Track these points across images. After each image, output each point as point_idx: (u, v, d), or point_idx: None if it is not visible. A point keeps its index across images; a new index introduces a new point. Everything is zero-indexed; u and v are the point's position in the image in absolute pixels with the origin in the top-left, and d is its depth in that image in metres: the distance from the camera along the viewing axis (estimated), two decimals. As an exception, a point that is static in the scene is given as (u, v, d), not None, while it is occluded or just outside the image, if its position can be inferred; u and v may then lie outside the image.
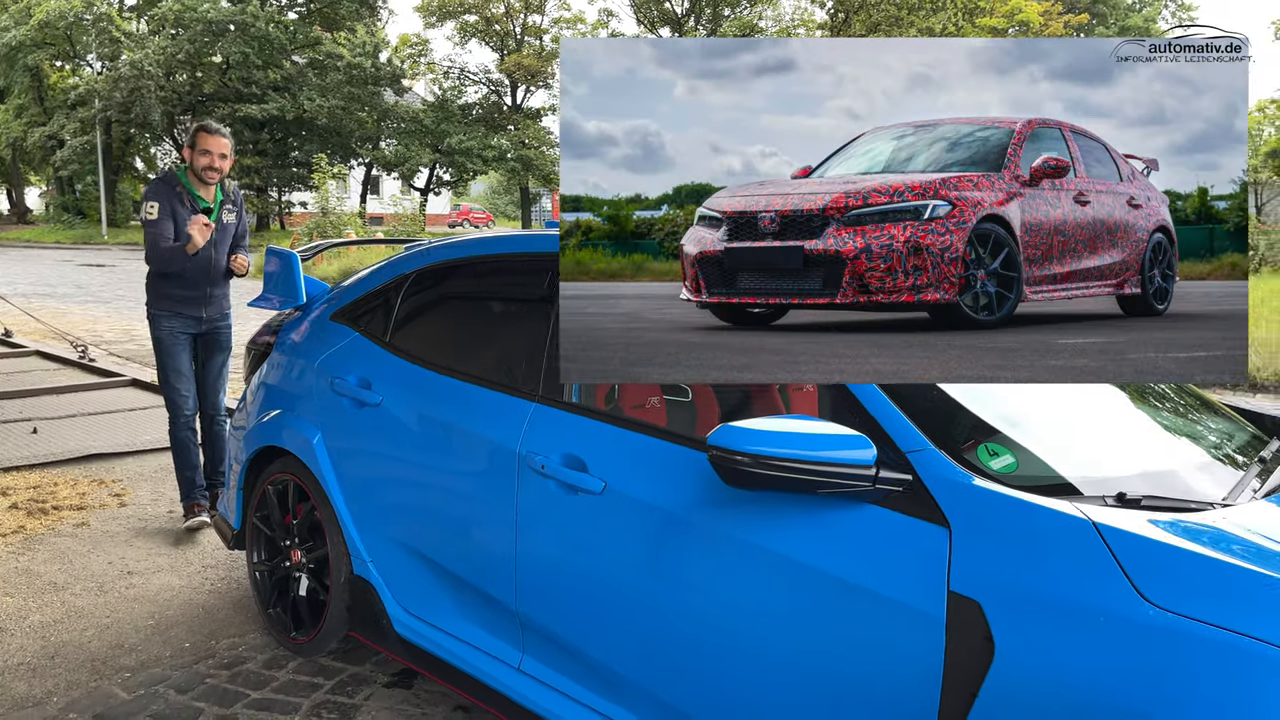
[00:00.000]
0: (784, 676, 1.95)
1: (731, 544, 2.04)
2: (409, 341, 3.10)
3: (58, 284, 18.79)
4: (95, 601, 3.72)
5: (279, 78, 36.45)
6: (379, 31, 39.51)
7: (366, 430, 3.05)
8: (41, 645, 3.36)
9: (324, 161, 25.45)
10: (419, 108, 39.68)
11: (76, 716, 2.89)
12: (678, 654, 2.15)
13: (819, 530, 1.91)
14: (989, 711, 1.63)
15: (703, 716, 2.12)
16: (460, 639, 2.75)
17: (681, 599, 2.13)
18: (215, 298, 4.53)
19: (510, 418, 2.60)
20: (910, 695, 1.75)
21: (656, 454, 2.25)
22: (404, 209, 27.05)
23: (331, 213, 23.18)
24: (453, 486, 2.77)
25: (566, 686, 2.45)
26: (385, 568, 3.00)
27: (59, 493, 5.01)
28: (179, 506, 4.71)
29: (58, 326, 10.87)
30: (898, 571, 1.80)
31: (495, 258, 3.03)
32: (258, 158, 36.94)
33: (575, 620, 2.40)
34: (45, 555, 4.17)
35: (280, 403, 3.42)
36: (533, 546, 2.49)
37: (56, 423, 6.46)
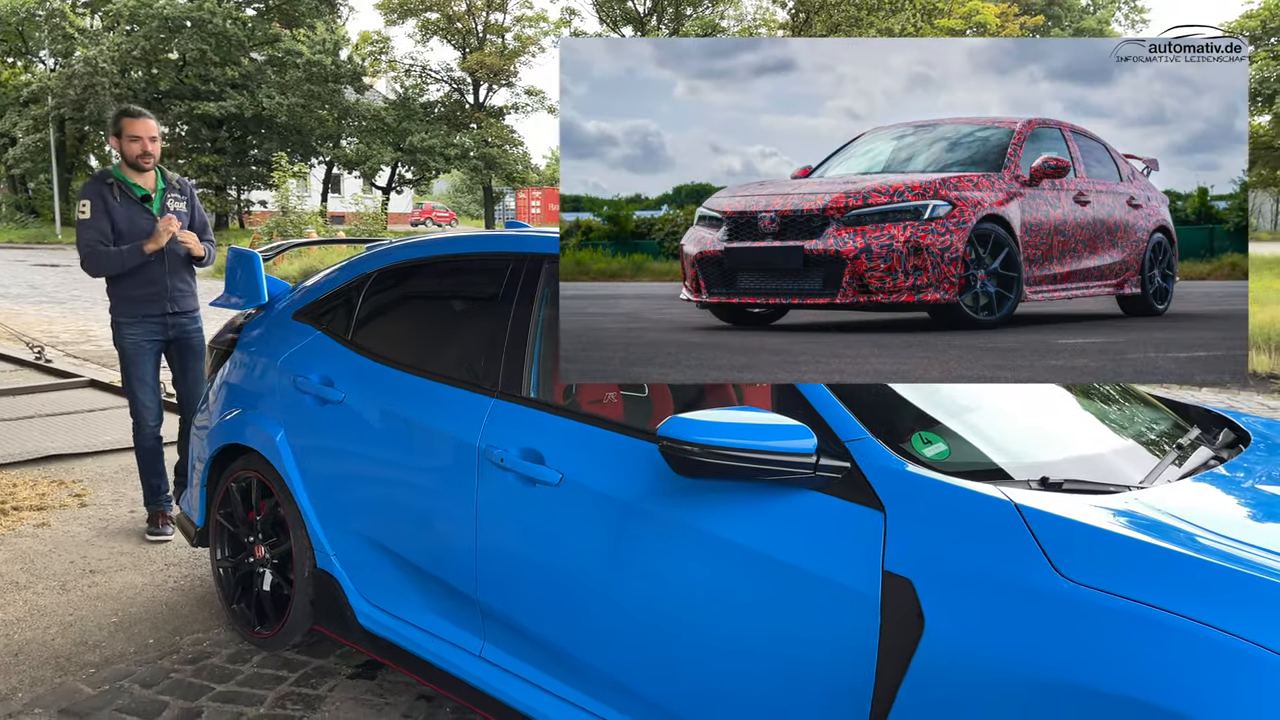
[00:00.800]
0: (732, 655, 2.05)
1: (682, 531, 2.13)
2: (371, 340, 3.17)
3: (10, 284, 18.48)
4: (58, 600, 3.74)
5: (237, 75, 36.03)
6: (339, 29, 39.18)
7: (329, 427, 3.11)
8: (4, 643, 3.38)
9: (284, 160, 25.20)
10: (380, 106, 39.44)
11: (42, 712, 2.93)
12: (632, 637, 2.25)
13: (763, 516, 2.02)
14: (919, 681, 1.74)
15: (657, 696, 2.21)
16: (423, 629, 2.82)
17: (635, 584, 2.23)
18: (179, 292, 4.31)
19: (470, 413, 2.68)
20: (849, 669, 1.86)
21: (611, 446, 2.34)
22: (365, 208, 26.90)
23: (292, 211, 23.02)
24: (415, 481, 2.84)
25: (526, 672, 2.54)
26: (348, 561, 3.06)
27: (18, 494, 5.00)
28: (141, 507, 4.72)
29: (12, 327, 10.73)
30: (836, 553, 1.91)
31: (455, 257, 3.11)
32: (216, 156, 36.51)
33: (534, 607, 2.49)
34: (6, 555, 4.17)
35: (243, 401, 3.47)
36: (493, 537, 2.57)
37: (14, 424, 6.41)
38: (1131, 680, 1.55)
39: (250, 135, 38.00)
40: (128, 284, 4.23)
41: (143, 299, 4.25)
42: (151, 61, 36.21)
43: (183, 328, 4.38)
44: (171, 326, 4.34)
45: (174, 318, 4.33)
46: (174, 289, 4.28)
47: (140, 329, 4.28)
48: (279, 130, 37.02)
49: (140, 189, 4.21)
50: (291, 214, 22.78)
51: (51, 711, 2.93)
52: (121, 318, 4.28)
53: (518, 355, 2.66)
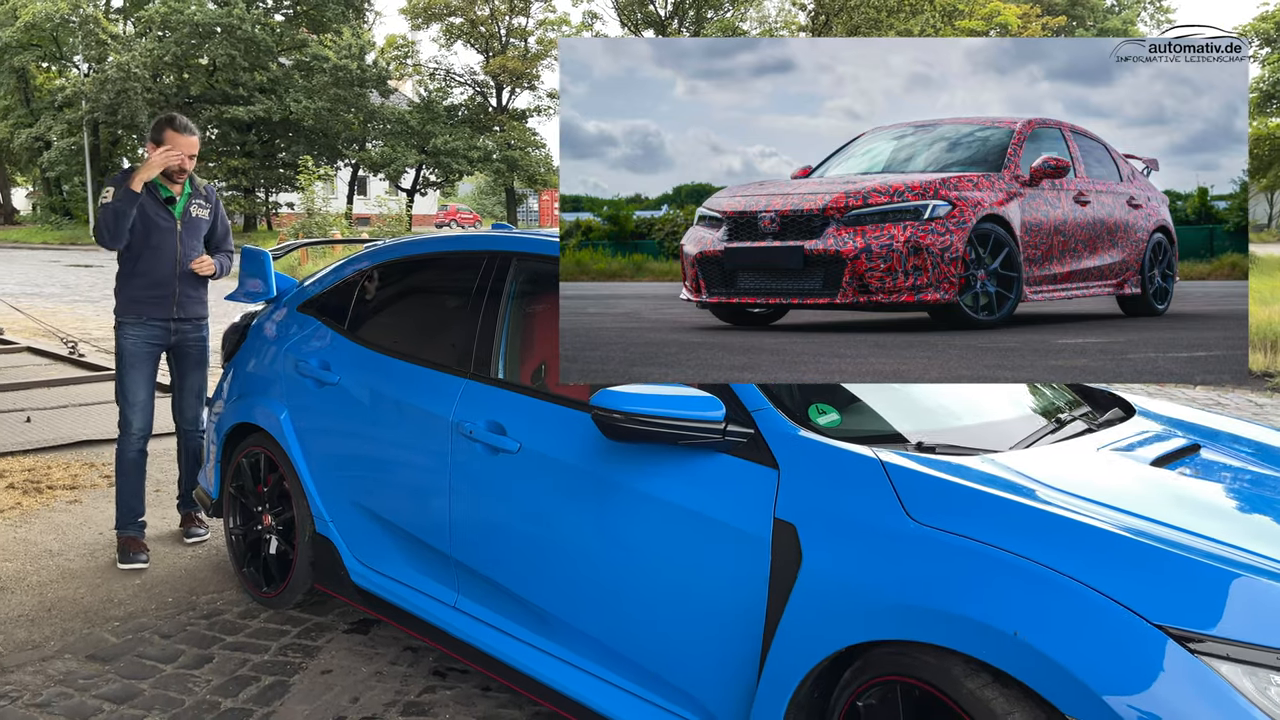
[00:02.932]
0: (657, 591, 2.39)
1: (614, 488, 2.47)
2: (363, 328, 3.53)
3: (45, 284, 19.11)
4: (87, 565, 4.14)
5: (265, 80, 36.76)
6: (365, 34, 39.83)
7: (327, 407, 3.48)
8: (38, 600, 3.78)
9: (310, 163, 25.79)
10: (405, 109, 40.03)
11: (71, 656, 3.31)
12: (578, 583, 2.59)
13: (680, 474, 2.35)
14: (798, 607, 2.07)
15: (597, 632, 2.55)
16: (407, 584, 3.18)
17: (579, 537, 2.57)
18: (186, 298, 4.20)
19: (445, 392, 3.03)
20: (747, 597, 2.19)
21: (559, 417, 2.68)
22: (389, 210, 27.46)
23: (318, 214, 23.54)
24: (399, 453, 3.20)
25: (493, 619, 2.89)
26: (343, 526, 3.43)
27: (52, 474, 5.42)
28: (164, 486, 5.11)
29: (48, 324, 11.23)
30: (738, 505, 2.24)
31: (435, 255, 3.47)
32: (245, 159, 37.25)
33: (498, 561, 2.83)
34: (41, 527, 4.59)
35: (253, 384, 3.85)
36: (463, 500, 2.92)
37: (49, 413, 6.86)
38: (966, 603, 1.86)
39: (278, 139, 38.73)
40: (135, 284, 4.15)
41: (147, 300, 4.15)
42: (183, 67, 37.03)
43: (185, 334, 4.26)
44: (174, 332, 4.23)
45: (178, 323, 4.22)
46: (182, 294, 4.19)
47: (141, 330, 4.16)
48: (306, 134, 37.72)
49: (167, 191, 4.17)
50: (317, 216, 23.31)
51: (80, 656, 3.32)
52: (124, 318, 4.18)
53: (487, 341, 3.02)
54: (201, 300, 4.33)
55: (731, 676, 2.23)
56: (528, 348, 3.13)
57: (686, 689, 2.34)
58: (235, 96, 36.43)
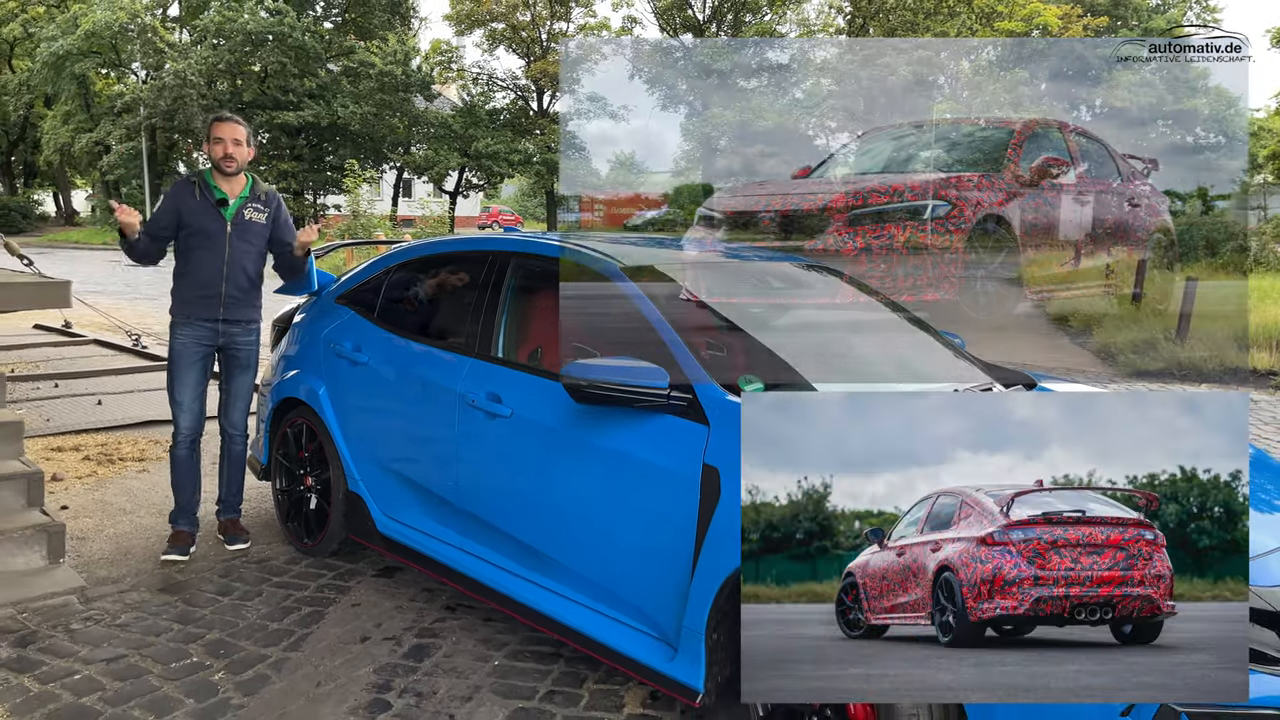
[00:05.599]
0: (616, 524, 2.95)
1: (583, 444, 3.05)
2: (388, 316, 4.14)
3: (107, 282, 20.14)
4: (157, 521, 4.79)
5: (314, 86, 37.87)
6: (410, 40, 40.83)
7: (358, 383, 4.10)
8: (116, 547, 4.44)
9: (356, 166, 26.70)
10: (448, 113, 40.96)
11: (145, 589, 3.96)
12: (557, 522, 3.16)
13: (636, 431, 2.92)
14: (717, 531, 2.62)
15: (570, 561, 3.12)
16: (422, 531, 3.78)
17: (557, 482, 3.15)
18: (233, 300, 4.20)
19: (454, 369, 3.62)
20: (683, 522, 2.73)
21: (543, 387, 3.26)
22: (432, 211, 28.32)
23: (363, 215, 24.39)
24: (416, 421, 3.80)
25: (491, 557, 3.47)
26: (371, 484, 4.04)
27: (122, 449, 6.12)
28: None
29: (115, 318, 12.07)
30: (679, 454, 2.79)
31: (449, 254, 4.08)
32: (294, 163, 38.40)
33: (495, 507, 3.42)
34: (115, 491, 5.27)
35: (297, 364, 4.48)
36: (467, 458, 3.51)
37: (118, 397, 7.61)
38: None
39: (326, 142, 39.85)
40: (184, 284, 4.20)
41: (194, 300, 4.18)
42: (236, 74, 38.29)
43: (233, 337, 4.26)
44: (222, 334, 4.23)
45: (225, 325, 4.22)
46: (229, 296, 4.18)
47: (190, 331, 4.19)
48: (353, 137, 38.77)
49: (220, 192, 4.18)
50: (363, 218, 24.15)
51: (152, 589, 3.96)
52: (175, 317, 4.23)
53: (489, 326, 3.60)
54: (252, 303, 4.30)
55: (670, 590, 2.79)
56: (523, 331, 3.71)
57: (637, 603, 2.91)
58: (285, 102, 37.59)
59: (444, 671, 3.30)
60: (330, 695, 3.12)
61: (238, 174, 4.25)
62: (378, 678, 3.25)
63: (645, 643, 2.89)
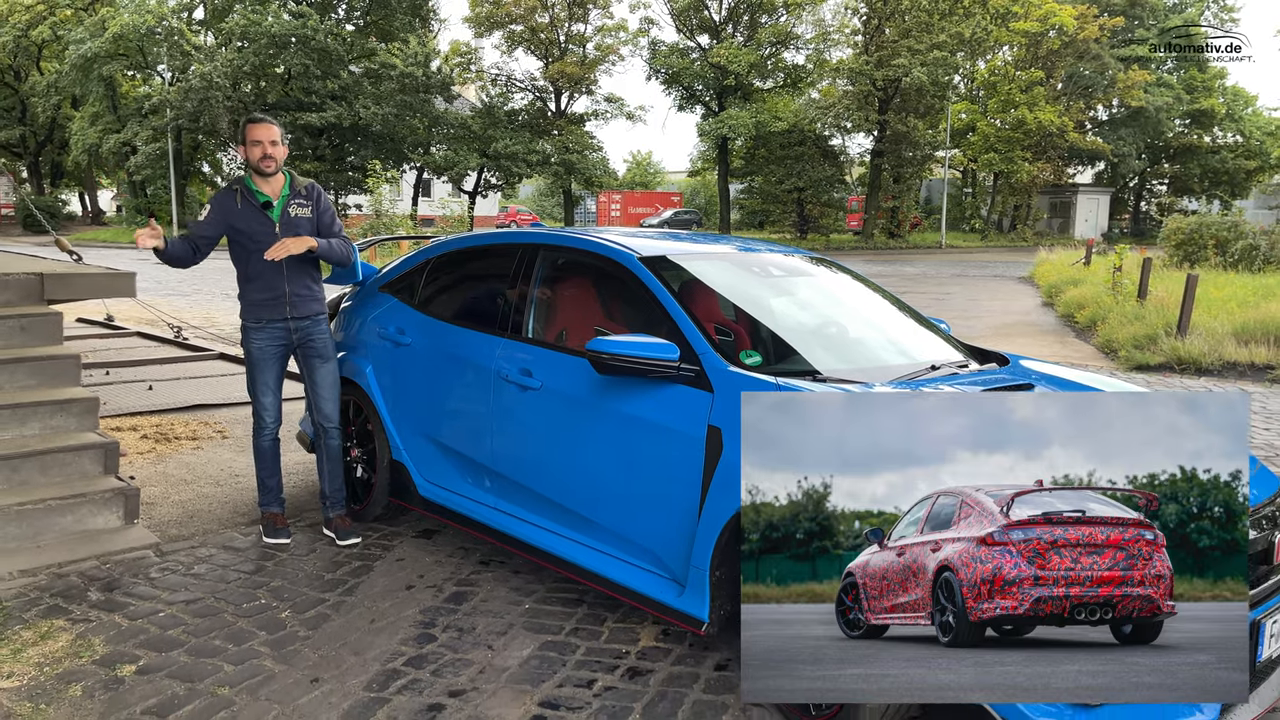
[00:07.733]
0: (633, 480, 3.39)
1: (605, 411, 3.49)
2: (429, 302, 4.60)
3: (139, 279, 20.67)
4: (215, 490, 5.28)
5: (337, 87, 38.52)
6: (430, 41, 41.43)
7: (401, 363, 4.56)
8: (181, 512, 4.92)
9: (378, 166, 27.26)
10: (467, 114, 41.55)
11: (211, 546, 4.44)
12: (582, 480, 3.61)
13: (650, 398, 3.36)
14: (718, 482, 3.06)
15: (592, 513, 3.57)
16: (458, 493, 4.24)
17: (582, 444, 3.60)
18: (298, 298, 4.32)
19: (489, 349, 4.08)
20: (691, 474, 3.17)
21: (570, 363, 3.71)
22: (452, 211, 28.85)
23: (385, 214, 24.96)
24: (455, 395, 4.25)
25: (521, 514, 3.93)
26: (413, 452, 4.50)
27: (176, 429, 6.62)
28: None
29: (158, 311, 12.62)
30: (687, 417, 3.23)
31: (483, 248, 4.55)
32: (317, 163, 39.05)
33: (524, 468, 3.88)
34: (174, 466, 5.76)
35: (345, 347, 4.94)
36: (501, 426, 3.97)
37: (167, 383, 8.12)
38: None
39: (347, 143, 40.50)
40: (251, 288, 4.31)
41: (262, 303, 4.30)
42: (260, 76, 39.01)
43: (306, 332, 4.38)
44: (295, 331, 4.36)
45: (296, 322, 4.35)
46: (293, 294, 4.31)
47: (264, 334, 4.33)
48: (374, 138, 39.42)
49: (263, 195, 4.26)
50: (384, 217, 24.71)
51: (217, 545, 4.44)
52: (248, 322, 4.35)
53: (520, 310, 4.06)
54: (315, 297, 4.42)
55: (678, 535, 3.23)
56: (550, 314, 4.16)
57: (651, 547, 3.35)
58: (308, 103, 38.25)
59: (481, 613, 3.76)
60: (384, 630, 3.58)
61: (276, 173, 4.31)
62: (424, 617, 3.71)
63: (657, 582, 3.33)
